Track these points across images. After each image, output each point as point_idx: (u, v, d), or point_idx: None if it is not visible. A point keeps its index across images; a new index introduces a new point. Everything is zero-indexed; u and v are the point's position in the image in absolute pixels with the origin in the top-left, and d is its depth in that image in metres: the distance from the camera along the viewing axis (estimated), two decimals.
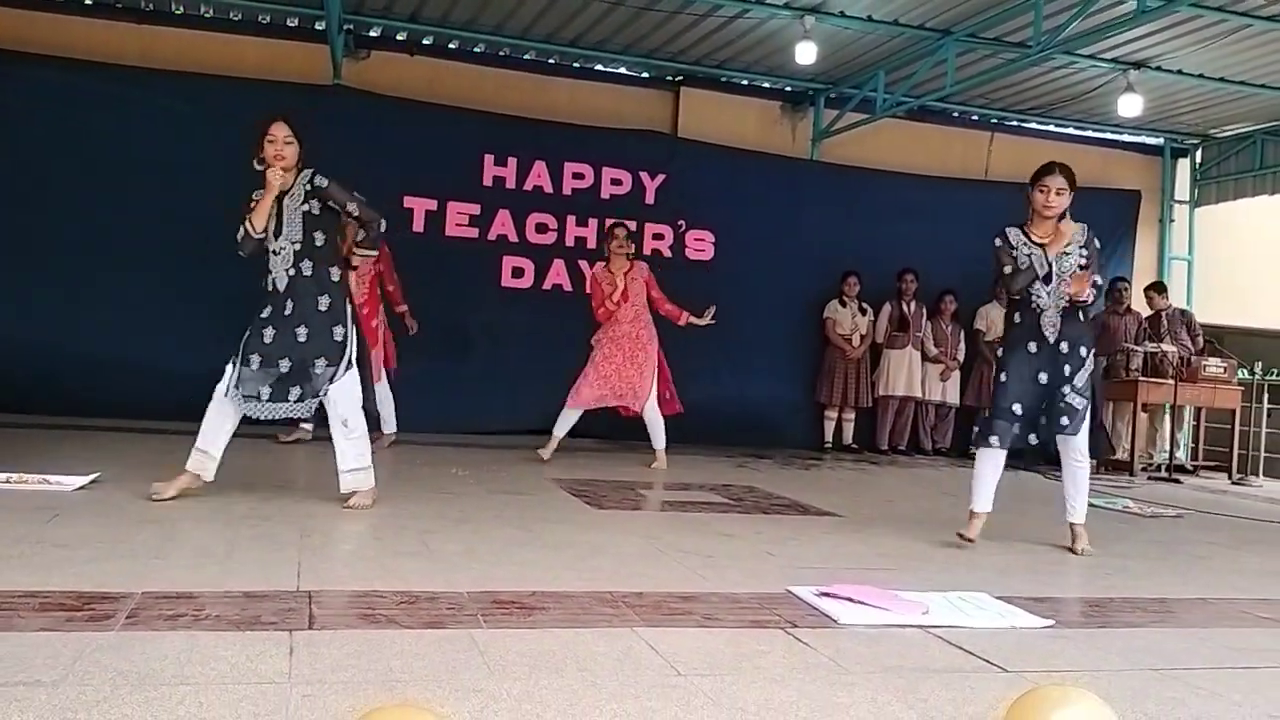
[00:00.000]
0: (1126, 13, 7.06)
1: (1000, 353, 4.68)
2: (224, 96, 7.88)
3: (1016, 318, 4.56)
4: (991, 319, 9.54)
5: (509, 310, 8.55)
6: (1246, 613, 3.58)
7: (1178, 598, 3.78)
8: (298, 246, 4.40)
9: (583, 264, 8.80)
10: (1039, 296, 4.44)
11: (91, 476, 4.55)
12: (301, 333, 4.36)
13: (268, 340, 4.35)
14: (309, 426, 6.69)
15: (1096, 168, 10.64)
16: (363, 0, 8.12)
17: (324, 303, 4.40)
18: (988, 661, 2.70)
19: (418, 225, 8.47)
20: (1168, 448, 9.55)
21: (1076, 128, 10.64)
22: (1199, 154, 11.14)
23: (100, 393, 7.26)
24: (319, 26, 8.58)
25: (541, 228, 8.69)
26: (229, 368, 4.40)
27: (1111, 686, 2.49)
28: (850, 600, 3.16)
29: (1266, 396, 9.78)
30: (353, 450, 4.43)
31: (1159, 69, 8.62)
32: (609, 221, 7.45)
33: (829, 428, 9.35)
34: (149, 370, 7.33)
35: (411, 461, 6.43)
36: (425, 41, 8.94)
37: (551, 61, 9.28)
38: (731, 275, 9.02)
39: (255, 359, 4.34)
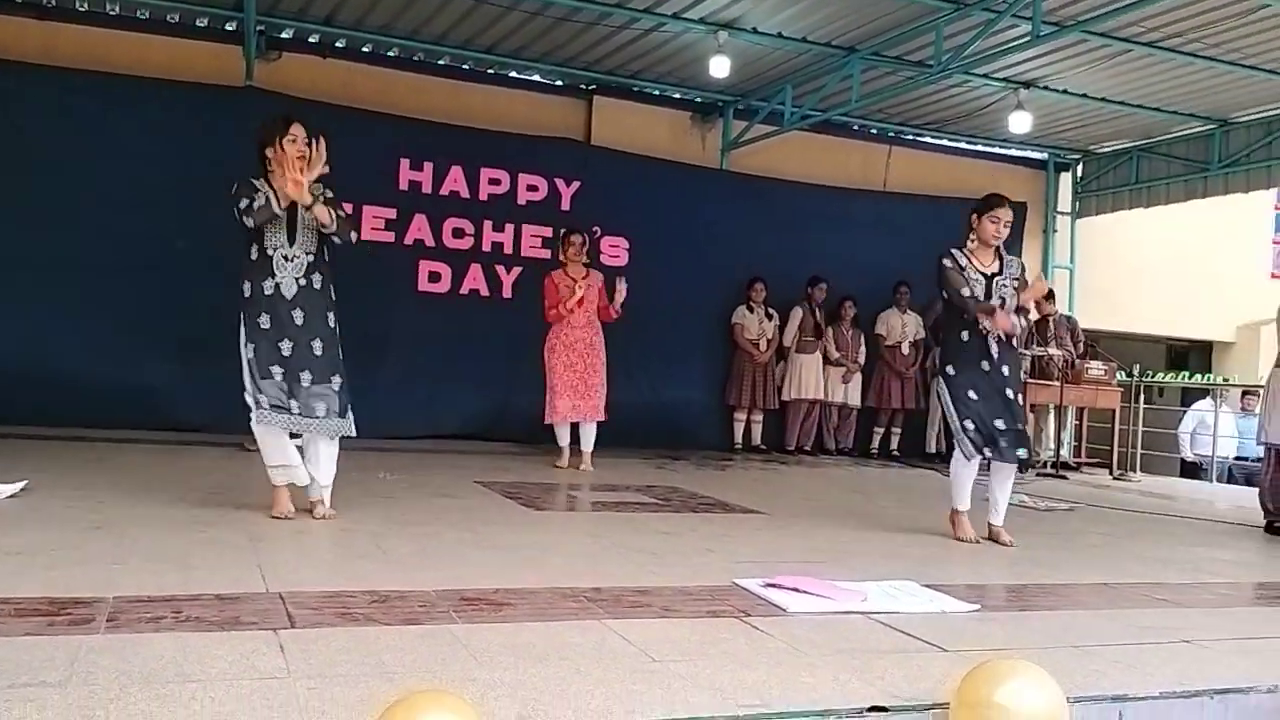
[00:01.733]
0: (1022, 36, 7.51)
1: (950, 372, 4.81)
2: (130, 96, 7.77)
3: (964, 336, 4.78)
4: (890, 324, 9.98)
5: (425, 315, 8.55)
6: (1145, 595, 3.91)
7: (1083, 583, 4.11)
8: (311, 258, 4.26)
9: (499, 269, 8.90)
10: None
11: (20, 484, 4.46)
12: (317, 346, 4.23)
13: (285, 352, 4.20)
14: None
15: (986, 180, 11.07)
16: (277, 1, 8.04)
17: (331, 320, 4.32)
18: (928, 643, 2.93)
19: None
20: (1053, 445, 10.11)
21: (968, 142, 11.18)
22: (1080, 168, 11.82)
23: (10, 402, 7.03)
24: (229, 27, 8.46)
25: (458, 232, 8.73)
26: (248, 387, 4.22)
27: (1040, 662, 2.71)
28: (795, 590, 3.37)
29: (1143, 397, 10.44)
30: (332, 466, 4.42)
31: (1046, 88, 9.16)
32: (563, 230, 7.60)
33: (738, 429, 9.63)
34: (56, 378, 7.13)
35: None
36: (338, 44, 8.88)
37: (465, 67, 9.31)
38: (645, 281, 9.11)
39: (277, 370, 4.19)
